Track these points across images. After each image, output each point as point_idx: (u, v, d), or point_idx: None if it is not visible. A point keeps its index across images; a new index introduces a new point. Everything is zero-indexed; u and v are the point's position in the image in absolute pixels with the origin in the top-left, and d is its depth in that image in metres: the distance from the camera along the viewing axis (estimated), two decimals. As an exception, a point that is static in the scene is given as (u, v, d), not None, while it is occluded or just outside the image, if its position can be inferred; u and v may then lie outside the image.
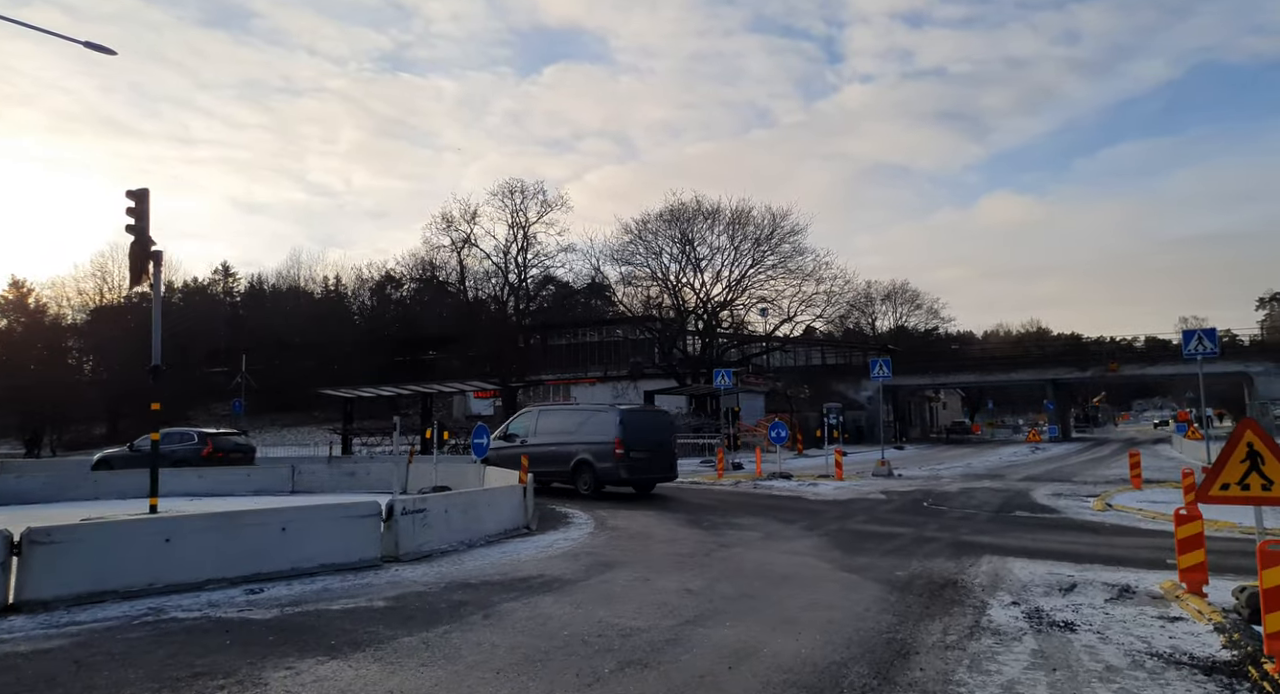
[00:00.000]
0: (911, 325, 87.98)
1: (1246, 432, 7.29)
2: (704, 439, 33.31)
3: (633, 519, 14.11)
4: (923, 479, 23.82)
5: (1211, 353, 18.22)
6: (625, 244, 45.19)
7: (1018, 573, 9.23)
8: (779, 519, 14.24)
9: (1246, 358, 50.13)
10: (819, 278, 45.41)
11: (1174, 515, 7.94)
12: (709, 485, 21.31)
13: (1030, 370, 63.43)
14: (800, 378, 65.58)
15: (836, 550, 10.83)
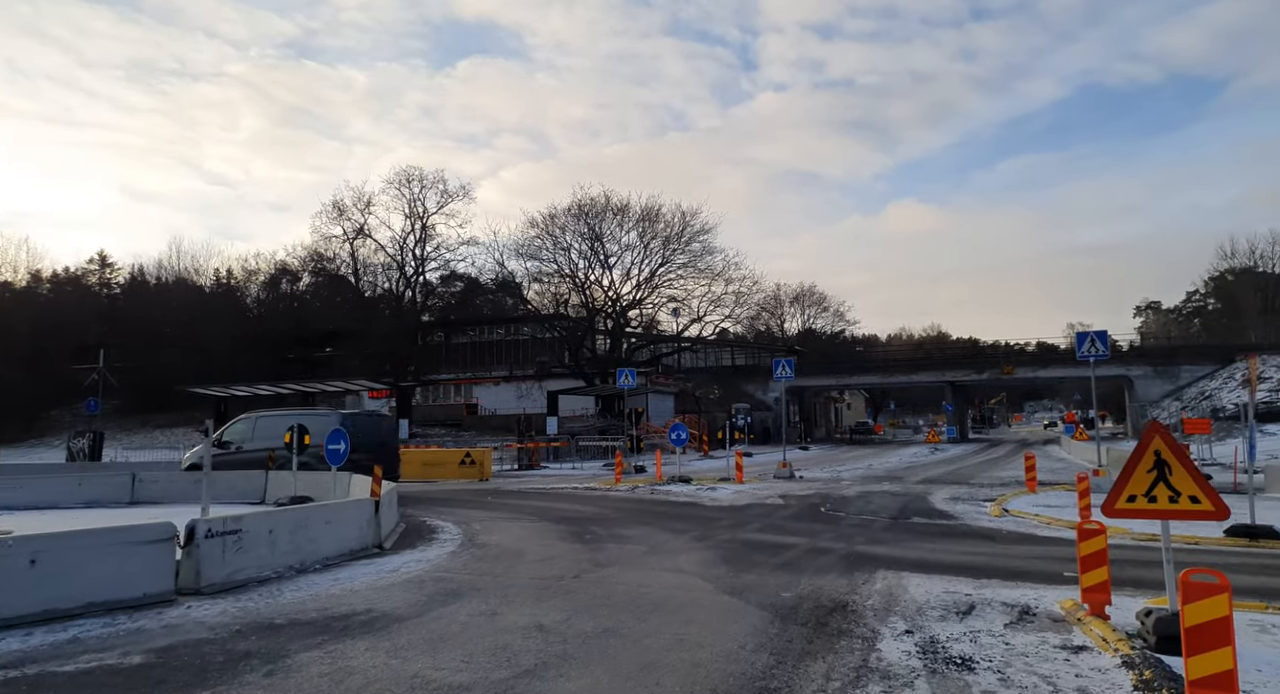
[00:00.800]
0: (819, 327, 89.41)
1: (1155, 438, 6.63)
2: (608, 441, 32.23)
3: (509, 532, 12.85)
4: (823, 482, 23.36)
5: (1103, 355, 18.26)
6: (531, 239, 43.72)
7: (913, 592, 8.43)
8: (669, 529, 13.23)
9: (1127, 362, 52.51)
10: (728, 278, 45.11)
11: (1077, 529, 7.24)
12: (605, 491, 20.19)
13: (930, 372, 65.07)
14: (711, 378, 65.42)
15: (723, 566, 9.86)
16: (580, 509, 16.25)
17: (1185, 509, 6.41)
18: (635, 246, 43.89)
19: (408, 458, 25.58)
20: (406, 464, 25.13)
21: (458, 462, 25.07)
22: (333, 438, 12.35)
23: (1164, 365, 51.59)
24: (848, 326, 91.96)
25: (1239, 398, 41.42)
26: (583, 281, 44.17)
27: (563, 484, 21.90)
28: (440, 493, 20.44)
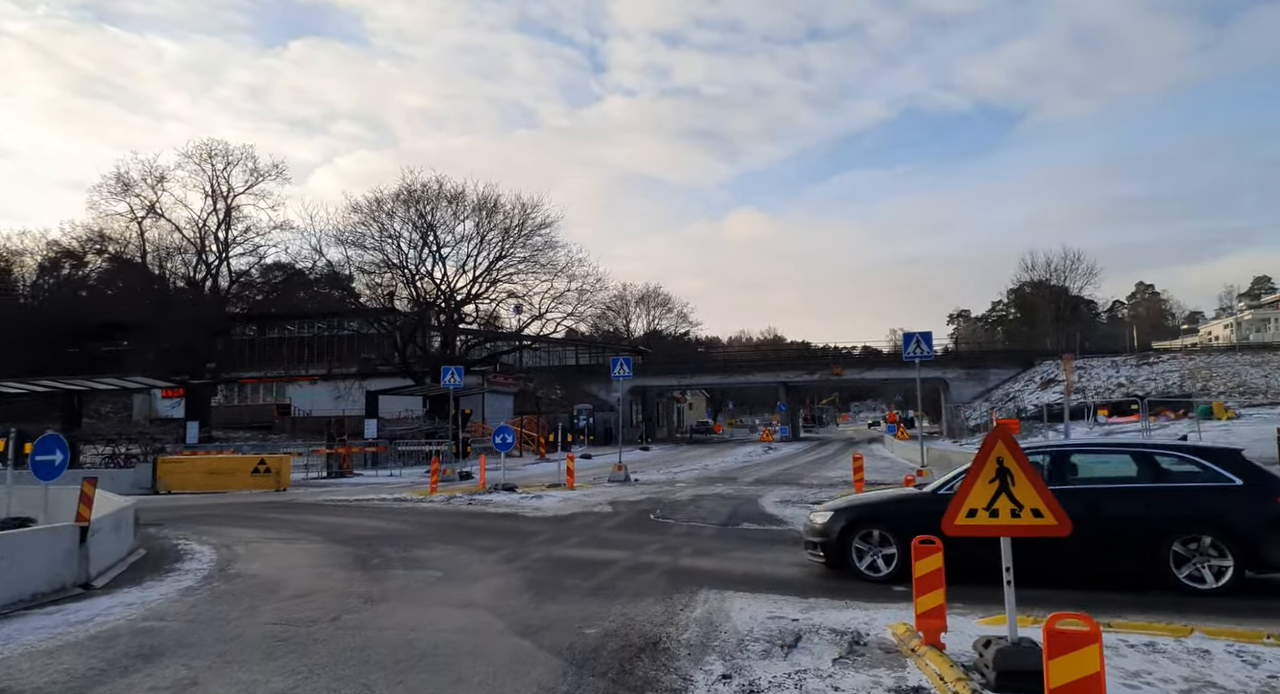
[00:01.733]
0: (664, 328, 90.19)
1: (998, 444, 5.83)
2: (434, 445, 29.95)
3: (278, 558, 10.79)
4: (658, 485, 22.49)
5: (928, 356, 18.45)
6: (355, 225, 40.24)
7: (736, 618, 7.36)
8: (476, 548, 11.65)
9: (943, 366, 55.99)
10: (571, 275, 43.65)
11: (912, 546, 6.38)
12: (416, 502, 18.21)
13: (767, 373, 66.84)
14: (553, 378, 63.91)
15: (525, 595, 8.42)
16: (380, 525, 14.29)
17: (1027, 524, 5.63)
18: (471, 237, 41.53)
19: (189, 466, 22.36)
20: (187, 473, 21.98)
21: (250, 470, 22.13)
22: (43, 446, 9.76)
23: (975, 369, 55.48)
24: (691, 328, 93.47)
25: (1038, 399, 45.02)
26: (413, 273, 41.25)
27: (372, 494, 19.68)
28: (219, 507, 17.71)
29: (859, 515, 9.26)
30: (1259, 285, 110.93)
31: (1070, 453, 9.03)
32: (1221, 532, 7.83)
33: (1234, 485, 8.07)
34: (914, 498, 9.47)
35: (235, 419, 46.48)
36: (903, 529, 8.64)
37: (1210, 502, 8.06)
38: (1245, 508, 7.89)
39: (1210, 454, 8.50)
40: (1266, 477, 8.18)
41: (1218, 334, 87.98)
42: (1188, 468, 8.40)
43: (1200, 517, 7.98)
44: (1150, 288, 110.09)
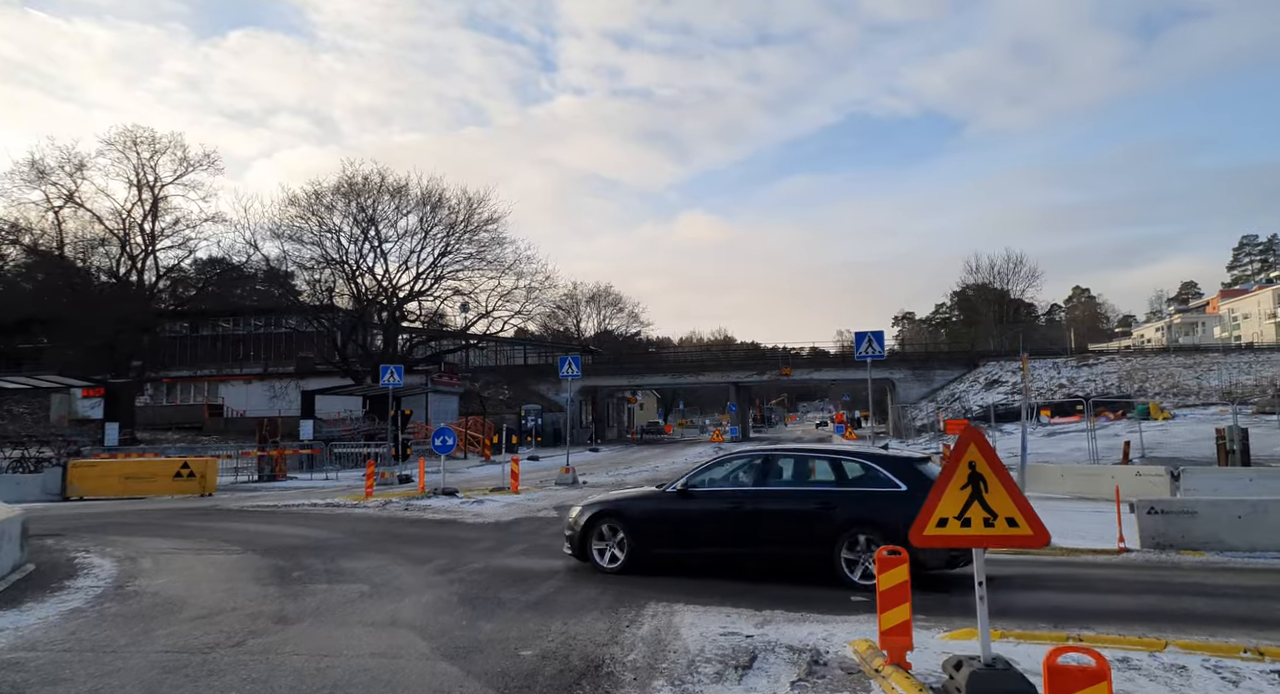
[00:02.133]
0: (615, 328, 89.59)
1: (970, 447, 5.37)
2: (372, 448, 28.83)
3: (187, 572, 9.88)
4: (606, 487, 21.84)
5: (879, 355, 18.16)
6: (292, 218, 38.63)
7: (686, 635, 6.80)
8: (410, 558, 10.88)
9: (890, 366, 56.56)
10: (520, 272, 42.65)
11: (876, 558, 5.90)
12: (350, 508, 17.27)
13: (717, 373, 66.76)
14: (500, 378, 62.79)
15: (458, 611, 7.74)
16: (307, 533, 13.38)
17: (1002, 534, 5.20)
18: (415, 233, 40.23)
19: (103, 470, 20.95)
20: (101, 478, 20.60)
21: (171, 474, 20.82)
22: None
23: (921, 369, 56.17)
24: (642, 328, 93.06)
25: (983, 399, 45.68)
26: (354, 269, 39.79)
27: (303, 499, 18.63)
28: (133, 515, 16.52)
29: (600, 511, 9.83)
30: (1186, 290, 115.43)
31: (779, 457, 9.76)
32: (880, 532, 8.41)
33: (899, 491, 8.70)
34: (650, 496, 9.95)
35: (163, 420, 44.37)
36: (636, 525, 9.57)
37: (877, 505, 8.72)
38: (903, 511, 8.24)
39: (886, 461, 9.13)
40: (927, 483, 8.58)
41: (1149, 337, 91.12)
42: (867, 473, 9.02)
43: (866, 518, 8.65)
44: (1086, 291, 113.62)
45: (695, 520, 9.38)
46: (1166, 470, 14.27)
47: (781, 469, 9.55)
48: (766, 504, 9.14)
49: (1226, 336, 76.78)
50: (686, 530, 9.41)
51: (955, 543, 5.26)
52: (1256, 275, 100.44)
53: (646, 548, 9.55)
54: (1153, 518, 9.90)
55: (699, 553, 9.42)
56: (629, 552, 9.53)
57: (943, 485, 5.28)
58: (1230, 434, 18.54)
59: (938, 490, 5.29)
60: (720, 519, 9.25)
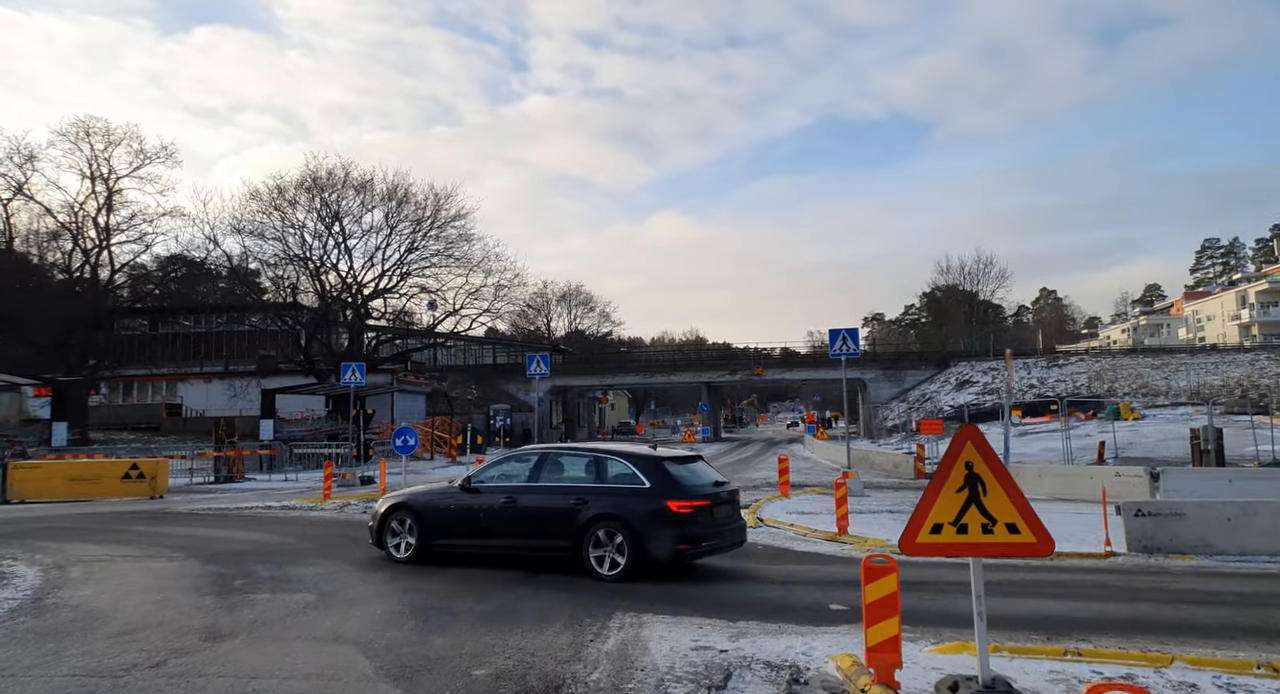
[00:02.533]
0: (586, 328, 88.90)
1: (966, 445, 4.91)
2: (335, 448, 27.95)
3: (120, 580, 9.16)
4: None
5: (854, 353, 17.85)
6: (254, 213, 37.47)
7: (655, 650, 6.28)
8: (364, 564, 10.25)
9: (862, 366, 56.53)
10: (488, 269, 41.79)
11: (863, 566, 5.40)
12: (306, 510, 16.53)
13: (689, 373, 66.39)
14: (468, 377, 61.84)
15: (410, 623, 7.15)
16: (256, 538, 12.66)
17: (1002, 541, 4.74)
18: (380, 229, 39.21)
19: (47, 471, 19.97)
20: (45, 480, 19.65)
21: (120, 475, 19.86)
22: None
23: (892, 370, 56.23)
24: (614, 328, 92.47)
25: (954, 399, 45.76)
26: (317, 266, 38.72)
27: (258, 502, 17.82)
28: (74, 518, 15.64)
29: (394, 504, 10.46)
30: (1150, 292, 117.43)
31: (554, 455, 10.28)
32: (622, 525, 8.96)
33: (643, 488, 9.13)
34: (440, 491, 10.57)
35: (119, 420, 42.93)
36: (423, 517, 10.13)
37: (622, 501, 9.13)
38: (643, 508, 8.97)
39: (638, 460, 9.49)
40: (669, 482, 9.14)
41: (1115, 338, 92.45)
42: (623, 472, 9.44)
43: (611, 513, 9.08)
44: (1053, 293, 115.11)
45: (474, 514, 9.86)
46: (1146, 471, 14.04)
47: (553, 467, 10.01)
48: (534, 499, 9.61)
49: (1191, 338, 78.08)
50: (466, 523, 9.93)
51: (950, 551, 4.80)
52: (1219, 278, 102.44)
53: (432, 539, 10.08)
54: (1140, 520, 9.58)
55: (476, 544, 9.96)
56: (417, 543, 10.08)
57: (936, 488, 4.82)
58: (1205, 434, 18.47)
59: (931, 493, 4.82)
60: (495, 513, 9.72)
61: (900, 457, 26.05)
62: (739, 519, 9.89)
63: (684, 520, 8.88)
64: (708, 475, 9.84)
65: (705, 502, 9.12)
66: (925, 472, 22.75)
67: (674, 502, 8.89)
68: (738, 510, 9.95)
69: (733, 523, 9.64)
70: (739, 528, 9.80)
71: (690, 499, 8.99)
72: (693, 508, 8.94)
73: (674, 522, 8.86)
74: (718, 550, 9.61)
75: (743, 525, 9.97)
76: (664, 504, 8.87)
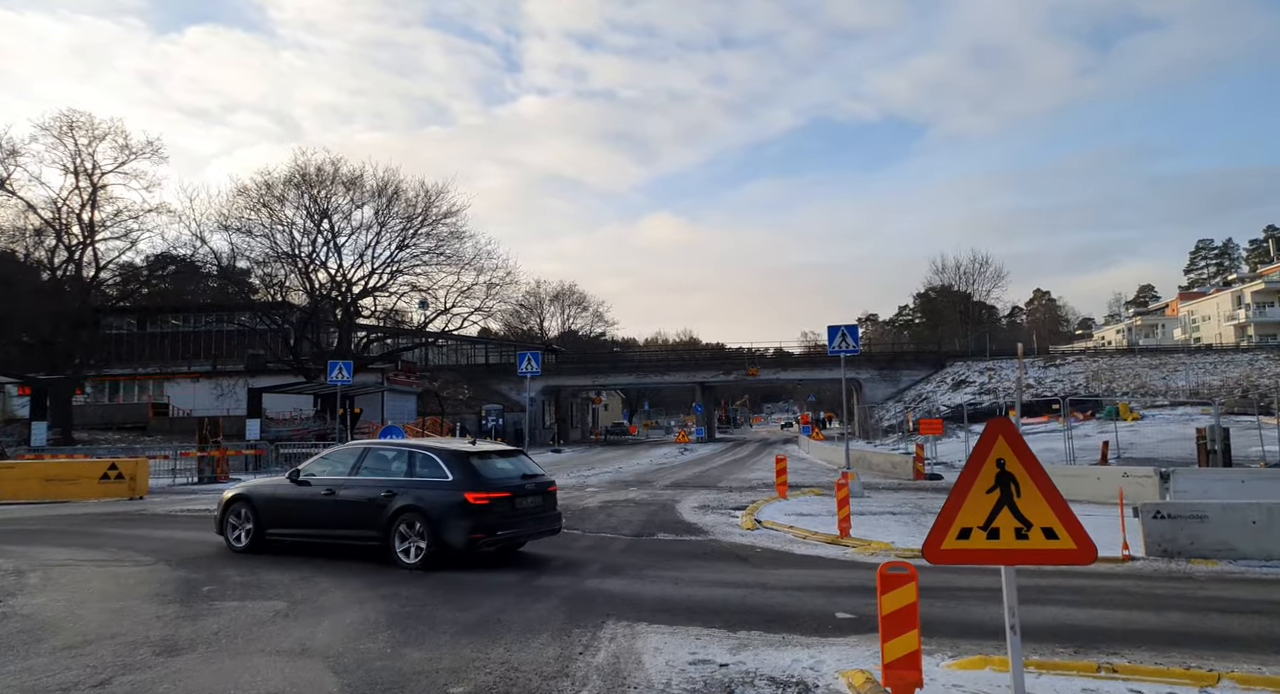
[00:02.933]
0: (579, 328, 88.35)
1: (998, 440, 4.43)
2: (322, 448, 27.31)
3: (81, 586, 8.61)
4: (566, 490, 20.76)
5: (853, 351, 17.38)
6: (242, 209, 36.81)
7: (649, 664, 5.79)
8: (341, 570, 9.70)
9: (857, 366, 56.15)
10: (480, 267, 41.18)
11: (879, 574, 4.92)
12: (288, 511, 15.94)
13: (682, 373, 65.89)
14: (460, 377, 61.26)
15: (386, 633, 6.63)
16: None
17: (1038, 548, 4.24)
18: (370, 226, 38.58)
19: (22, 472, 19.37)
20: (20, 480, 19.06)
21: (98, 476, 19.27)
22: None
23: (887, 370, 55.82)
24: (607, 328, 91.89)
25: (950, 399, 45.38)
26: (306, 264, 38.07)
27: (239, 502, 17.20)
28: (45, 520, 15.06)
29: (235, 495, 10.87)
30: (1144, 293, 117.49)
31: (374, 449, 10.59)
32: (423, 516, 9.40)
33: (446, 481, 9.57)
34: (274, 483, 11.05)
35: (104, 420, 42.23)
36: (258, 508, 10.57)
37: (426, 493, 9.54)
38: (442, 499, 9.41)
39: (445, 454, 9.90)
40: (471, 475, 9.58)
41: (1110, 339, 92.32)
42: (430, 466, 9.84)
43: (415, 505, 9.49)
44: (1047, 294, 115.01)
45: (302, 505, 10.27)
46: (1155, 471, 13.59)
47: (372, 460, 10.37)
48: (351, 492, 10.03)
49: (1186, 338, 77.93)
50: (295, 514, 10.37)
51: (980, 559, 4.30)
52: (1212, 279, 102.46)
53: (267, 529, 10.52)
54: (1159, 523, 9.11)
55: (304, 534, 10.34)
56: (254, 532, 10.56)
57: (964, 488, 4.32)
58: (1212, 434, 18.06)
59: (958, 494, 4.33)
60: (318, 504, 10.12)
61: (898, 457, 25.61)
62: (549, 510, 10.42)
63: (480, 511, 9.36)
64: (519, 470, 10.31)
65: (505, 493, 9.64)
66: (924, 472, 22.30)
67: (471, 494, 9.39)
68: (549, 501, 10.43)
69: (541, 513, 10.20)
70: (549, 518, 10.36)
71: (489, 491, 9.50)
72: (489, 499, 9.46)
73: (470, 512, 9.32)
74: (518, 539, 10.32)
75: (555, 516, 10.57)
76: (462, 496, 9.37)
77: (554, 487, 10.70)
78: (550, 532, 10.54)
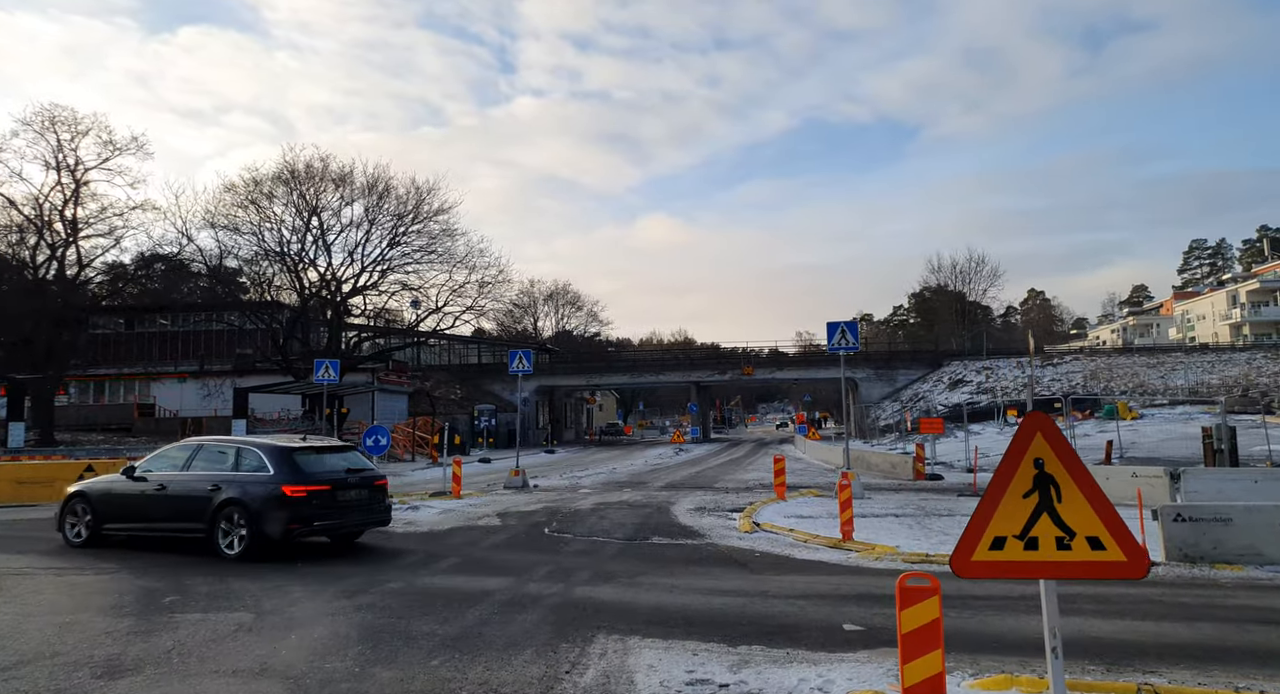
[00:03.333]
0: (573, 328, 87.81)
1: (1035, 438, 3.91)
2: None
3: (32, 597, 8.04)
4: (559, 492, 20.25)
5: (854, 348, 16.89)
6: (230, 206, 36.15)
7: (642, 685, 5.28)
8: (317, 576, 9.17)
9: (853, 365, 55.70)
10: (471, 265, 40.59)
11: (898, 587, 4.39)
12: (268, 514, 15.38)
13: (678, 373, 65.38)
14: (454, 377, 60.61)
15: (355, 650, 6.10)
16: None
17: (1083, 559, 3.73)
18: (360, 223, 37.96)
19: (-8, 475, 18.70)
20: (-10, 484, 18.33)
21: (74, 478, 18.37)
22: None
23: (884, 369, 55.39)
24: (602, 328, 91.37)
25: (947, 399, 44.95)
26: (295, 262, 37.42)
27: (218, 506, 16.62)
28: (10, 524, 14.50)
29: (74, 492, 11.21)
30: (1138, 293, 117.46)
31: (206, 446, 10.96)
32: (244, 509, 9.92)
33: (267, 475, 10.06)
34: (111, 480, 11.25)
35: (89, 420, 41.52)
36: (96, 504, 10.86)
37: (248, 487, 10.02)
38: (262, 492, 9.92)
39: (269, 450, 10.38)
40: (291, 470, 10.06)
41: (1104, 338, 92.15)
42: (254, 461, 10.30)
43: (237, 498, 9.98)
44: (1041, 294, 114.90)
45: (137, 500, 10.61)
46: (1165, 471, 13.12)
47: (204, 456, 10.71)
48: (181, 486, 10.41)
49: (1182, 338, 77.76)
50: (130, 509, 10.68)
51: (1017, 572, 3.79)
52: (1206, 279, 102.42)
53: (104, 524, 10.85)
54: (1179, 526, 8.63)
55: (138, 528, 10.69)
56: (92, 527, 10.89)
57: (997, 492, 3.81)
58: (1218, 433, 17.62)
59: (991, 499, 3.81)
60: (151, 499, 10.51)
61: (897, 457, 25.14)
62: (375, 503, 11.02)
63: (298, 503, 9.85)
64: (346, 465, 10.82)
65: (325, 487, 10.13)
66: (925, 473, 21.82)
67: (289, 486, 9.86)
68: (376, 495, 11.02)
69: (366, 506, 10.79)
70: (375, 510, 11.04)
71: (308, 484, 9.97)
72: (307, 492, 9.93)
73: (288, 504, 9.81)
74: (339, 530, 10.77)
75: (383, 508, 11.28)
76: (280, 489, 9.85)
77: (383, 481, 11.34)
78: (378, 523, 11.31)
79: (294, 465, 10.09)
